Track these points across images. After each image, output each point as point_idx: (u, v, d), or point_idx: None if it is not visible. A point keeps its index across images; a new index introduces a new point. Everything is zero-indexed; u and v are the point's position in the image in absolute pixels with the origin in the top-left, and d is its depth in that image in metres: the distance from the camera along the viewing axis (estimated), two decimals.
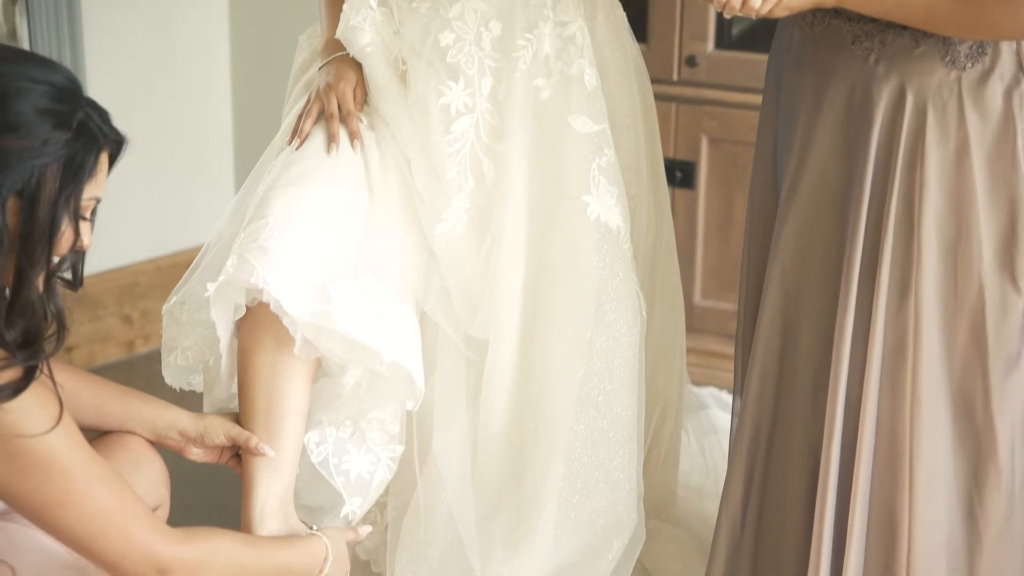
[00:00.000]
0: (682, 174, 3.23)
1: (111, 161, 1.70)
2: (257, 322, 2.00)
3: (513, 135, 2.19)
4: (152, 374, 2.27)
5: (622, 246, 2.24)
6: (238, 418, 2.02)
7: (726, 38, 3.18)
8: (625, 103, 2.34)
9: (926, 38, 1.95)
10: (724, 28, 3.17)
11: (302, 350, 1.98)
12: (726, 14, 1.90)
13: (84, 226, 1.67)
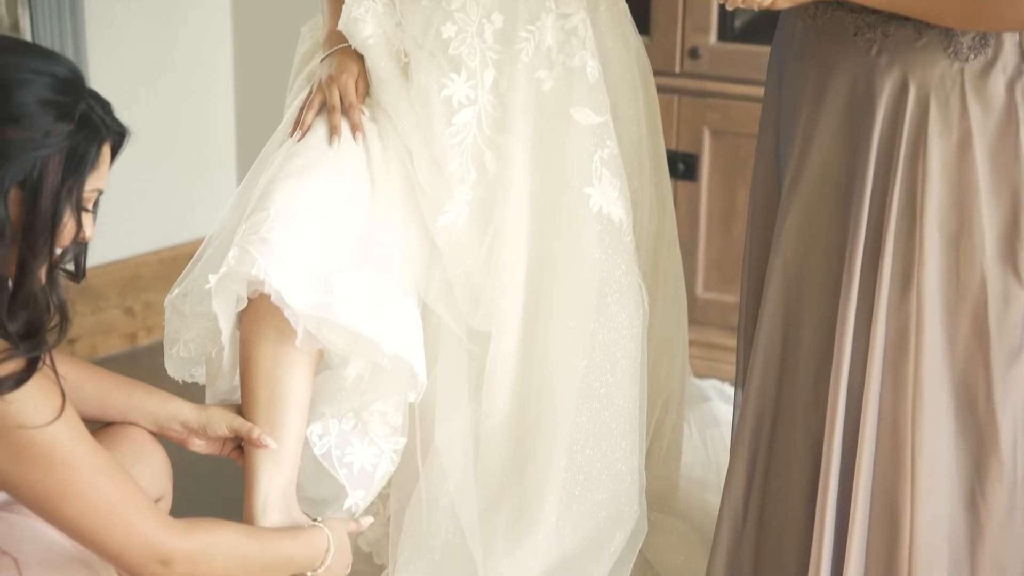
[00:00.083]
0: (684, 166, 3.23)
1: (113, 153, 1.70)
2: (259, 314, 2.00)
3: (515, 127, 2.19)
4: (154, 366, 2.28)
5: (624, 238, 2.24)
6: (240, 410, 2.03)
7: (728, 30, 3.18)
8: (627, 95, 2.33)
9: (928, 29, 1.95)
10: (726, 20, 3.16)
11: (304, 342, 1.98)
12: (728, 6, 1.90)
13: (86, 218, 1.67)
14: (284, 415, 2.00)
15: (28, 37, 3.14)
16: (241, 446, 2.02)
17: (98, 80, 3.13)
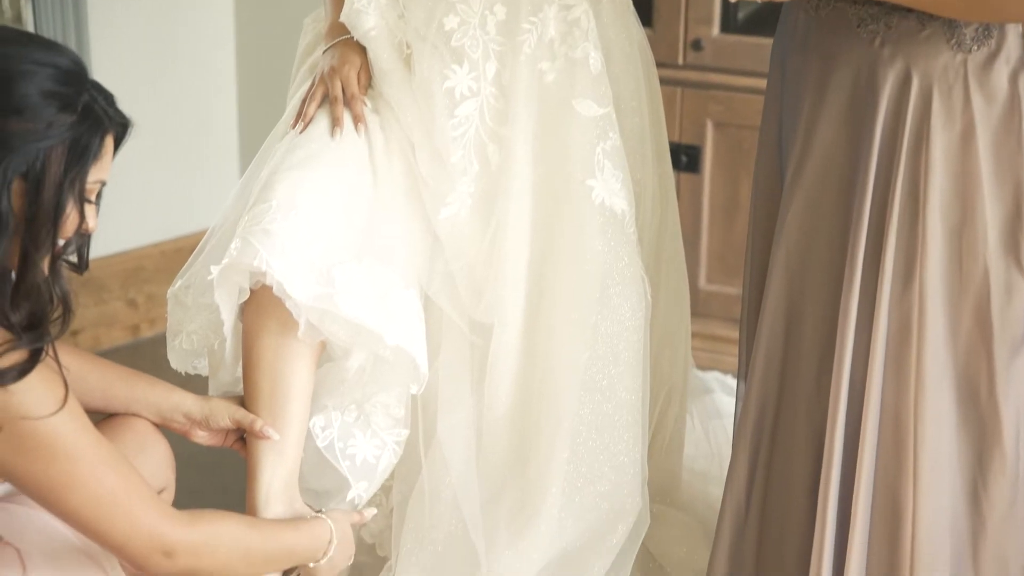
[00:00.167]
0: (687, 158, 3.22)
1: (116, 144, 1.70)
2: (261, 305, 2.00)
3: (518, 119, 2.19)
4: (157, 358, 2.28)
5: (627, 230, 2.24)
6: (243, 401, 2.03)
7: (731, 22, 3.18)
8: (630, 87, 2.33)
9: (932, 21, 1.94)
10: (729, 12, 3.16)
11: (306, 333, 1.99)
12: None
13: (89, 209, 1.67)
14: (286, 406, 2.00)
15: (30, 30, 3.14)
16: (244, 438, 2.03)
17: (100, 72, 3.13)
